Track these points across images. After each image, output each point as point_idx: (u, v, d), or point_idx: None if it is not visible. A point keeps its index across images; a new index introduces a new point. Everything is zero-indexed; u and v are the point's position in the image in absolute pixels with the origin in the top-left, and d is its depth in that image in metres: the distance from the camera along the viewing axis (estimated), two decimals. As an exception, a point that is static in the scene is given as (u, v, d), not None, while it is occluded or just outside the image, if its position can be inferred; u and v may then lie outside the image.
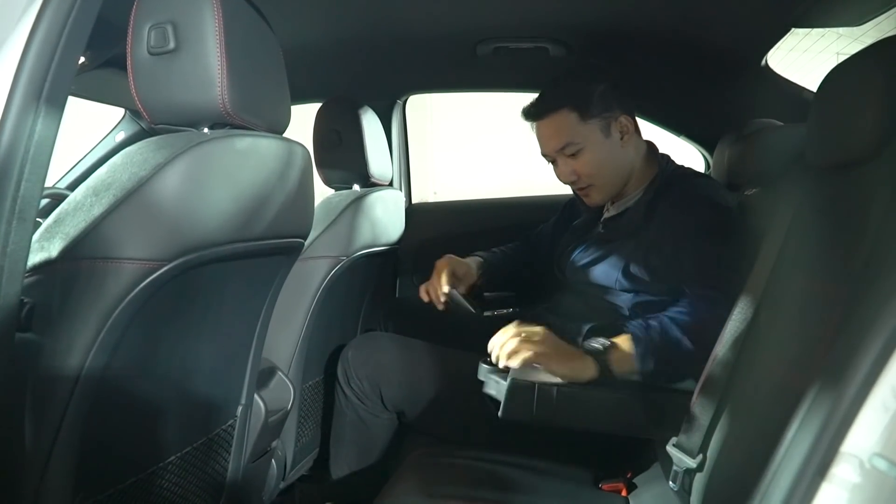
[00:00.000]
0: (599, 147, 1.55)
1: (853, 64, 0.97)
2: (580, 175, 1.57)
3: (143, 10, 0.99)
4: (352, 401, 1.66)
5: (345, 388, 1.67)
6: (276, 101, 1.18)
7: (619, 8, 1.66)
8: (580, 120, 1.53)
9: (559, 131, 1.55)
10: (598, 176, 1.57)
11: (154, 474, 1.09)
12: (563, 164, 1.58)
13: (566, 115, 1.54)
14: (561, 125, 1.55)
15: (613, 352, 1.27)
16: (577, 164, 1.56)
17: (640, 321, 1.31)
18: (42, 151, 0.80)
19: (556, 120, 1.55)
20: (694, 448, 1.09)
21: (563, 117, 1.54)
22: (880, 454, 0.52)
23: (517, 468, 1.40)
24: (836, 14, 1.58)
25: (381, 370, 1.63)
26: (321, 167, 2.00)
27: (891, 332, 0.57)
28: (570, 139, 1.54)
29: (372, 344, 1.72)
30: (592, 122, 1.54)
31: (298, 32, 1.77)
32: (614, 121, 1.56)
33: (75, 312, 0.87)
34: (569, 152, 1.55)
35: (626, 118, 1.57)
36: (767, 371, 1.01)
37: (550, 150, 1.59)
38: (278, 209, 1.13)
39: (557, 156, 1.59)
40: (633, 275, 1.48)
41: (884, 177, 0.85)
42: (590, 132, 1.54)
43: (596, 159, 1.56)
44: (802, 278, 1.03)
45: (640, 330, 1.28)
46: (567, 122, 1.54)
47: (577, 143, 1.54)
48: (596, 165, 1.56)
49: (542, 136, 1.60)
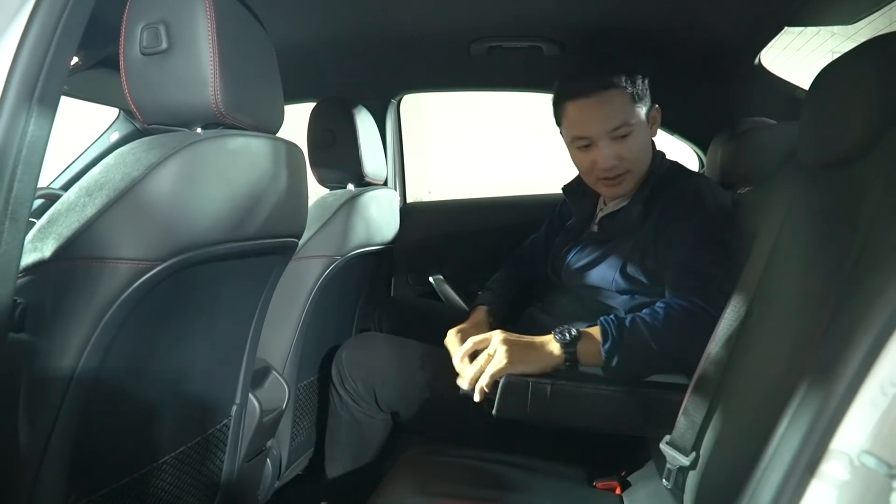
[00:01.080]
0: (644, 132, 1.53)
1: (845, 62, 0.97)
2: (623, 159, 1.51)
3: (135, 10, 0.99)
4: (346, 402, 1.65)
5: (339, 389, 1.66)
6: (269, 101, 1.18)
7: (613, 7, 1.66)
8: (632, 101, 1.50)
9: (616, 110, 1.49)
10: (637, 161, 1.53)
11: (148, 474, 1.09)
12: (608, 147, 1.50)
13: (622, 93, 1.49)
14: (618, 104, 1.49)
15: (581, 343, 1.30)
16: (623, 148, 1.50)
17: (614, 318, 1.32)
18: (35, 152, 0.79)
19: (613, 98, 1.48)
20: (687, 446, 1.10)
21: (620, 95, 1.49)
22: (869, 451, 0.53)
23: (511, 466, 1.40)
24: (829, 13, 1.59)
25: (375, 371, 1.62)
26: (315, 167, 2.01)
27: (880, 329, 0.58)
28: (625, 119, 1.48)
29: (366, 345, 1.71)
30: (639, 105, 1.51)
31: (292, 32, 1.77)
32: (651, 110, 1.55)
33: (69, 313, 0.87)
34: (621, 133, 1.49)
35: (656, 110, 1.57)
36: (760, 369, 1.01)
37: (601, 129, 1.50)
38: (272, 209, 1.13)
39: (604, 137, 1.50)
40: (630, 276, 1.47)
41: (874, 175, 0.85)
42: (639, 116, 1.51)
43: (640, 144, 1.52)
44: (794, 276, 1.04)
45: (612, 327, 1.30)
46: (623, 101, 1.49)
47: (630, 125, 1.49)
48: (640, 150, 1.52)
49: (593, 114, 1.50)
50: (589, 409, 1.28)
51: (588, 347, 1.30)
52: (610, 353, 1.28)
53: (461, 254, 2.46)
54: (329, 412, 1.72)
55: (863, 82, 0.91)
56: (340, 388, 1.66)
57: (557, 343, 1.31)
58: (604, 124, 1.49)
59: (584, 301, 1.60)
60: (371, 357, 1.65)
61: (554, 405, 1.27)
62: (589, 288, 1.58)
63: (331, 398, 1.70)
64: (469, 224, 2.50)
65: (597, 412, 1.28)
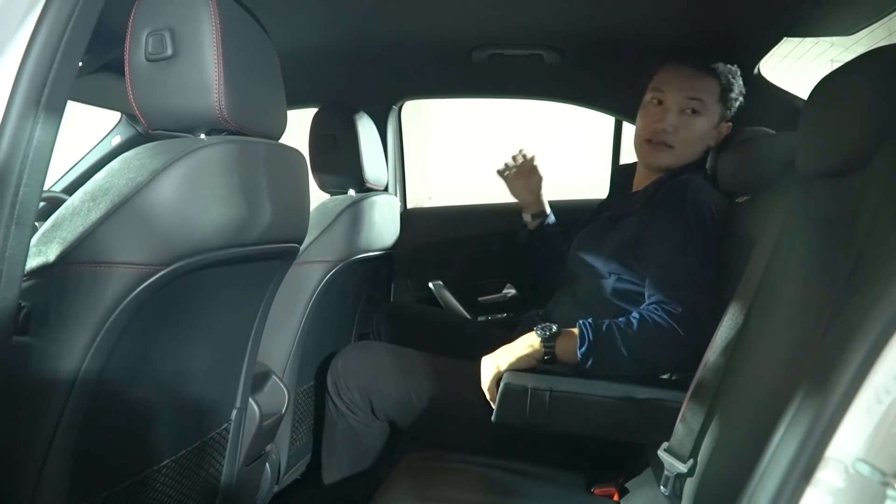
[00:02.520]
0: (708, 127, 1.61)
1: (843, 73, 0.98)
2: (677, 132, 1.59)
3: (141, 16, 1.00)
4: (342, 411, 1.65)
5: (335, 399, 1.66)
6: (272, 107, 1.18)
7: (613, 16, 1.67)
8: (718, 96, 1.59)
9: (701, 87, 1.59)
10: (685, 145, 1.60)
11: (149, 477, 1.09)
12: (674, 115, 1.59)
13: (715, 84, 1.59)
14: (705, 84, 1.59)
15: (560, 340, 1.37)
16: (684, 123, 1.59)
17: (593, 322, 1.36)
18: (41, 157, 0.80)
19: (704, 78, 1.60)
20: (685, 453, 1.10)
21: (711, 82, 1.59)
22: (863, 459, 0.53)
23: (510, 473, 1.40)
24: (828, 24, 1.60)
25: (371, 380, 1.63)
26: (317, 172, 2.01)
27: (875, 337, 0.58)
28: (704, 100, 1.58)
29: (361, 354, 1.71)
30: (720, 106, 1.60)
31: (295, 38, 1.78)
32: (725, 120, 1.63)
33: (72, 316, 0.88)
34: (690, 107, 1.58)
35: (727, 128, 1.64)
36: (757, 376, 1.02)
37: (678, 94, 1.60)
38: (274, 214, 1.14)
39: (675, 104, 1.59)
40: (619, 260, 1.51)
41: (872, 185, 0.86)
42: (714, 111, 1.60)
43: (698, 133, 1.60)
44: (792, 284, 1.05)
45: (588, 331, 1.34)
46: (710, 87, 1.59)
47: (703, 110, 1.58)
48: (695, 136, 1.60)
49: (680, 78, 1.61)
50: (587, 415, 1.29)
51: (566, 345, 1.36)
52: (585, 356, 1.33)
53: (461, 260, 2.46)
54: (325, 421, 1.72)
55: (860, 93, 0.92)
56: (336, 398, 1.66)
57: (538, 337, 1.37)
58: (685, 91, 1.59)
59: (577, 291, 1.63)
60: (366, 366, 1.65)
61: (553, 411, 1.28)
62: (583, 269, 1.61)
63: (327, 407, 1.70)
64: (469, 230, 2.50)
65: (595, 419, 1.29)
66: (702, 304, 1.32)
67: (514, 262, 2.43)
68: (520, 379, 1.31)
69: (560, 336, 1.36)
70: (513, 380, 1.31)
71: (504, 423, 1.31)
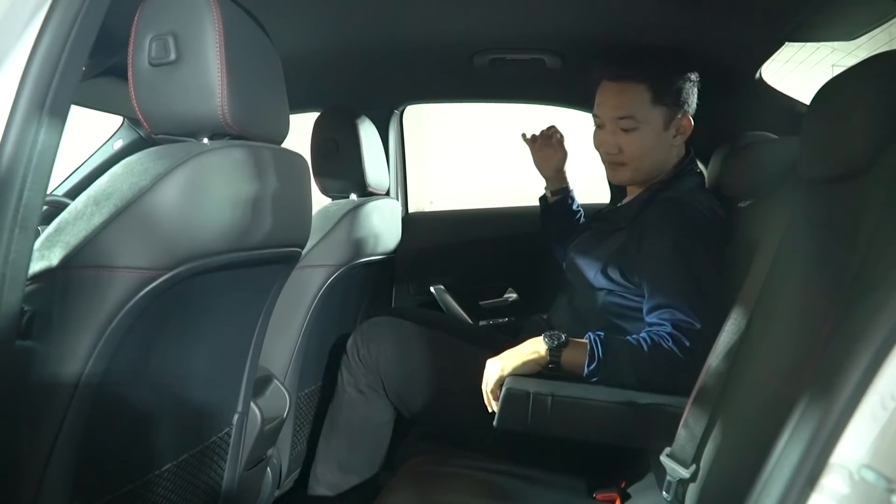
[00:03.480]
0: (654, 135, 1.55)
1: (845, 79, 0.98)
2: (623, 151, 1.56)
3: (144, 21, 1.00)
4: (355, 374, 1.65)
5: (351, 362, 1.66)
6: (274, 112, 1.19)
7: (615, 21, 1.67)
8: (651, 101, 1.53)
9: (627, 101, 1.54)
10: (637, 159, 1.57)
11: (150, 482, 1.09)
12: (611, 134, 1.57)
13: (641, 90, 1.53)
14: (631, 97, 1.54)
15: (568, 350, 1.36)
16: (624, 140, 1.55)
17: (604, 339, 1.35)
18: (44, 161, 0.80)
19: (629, 90, 1.54)
20: (687, 458, 1.10)
21: (637, 91, 1.53)
22: (868, 465, 0.53)
23: (512, 477, 1.40)
24: (829, 29, 1.60)
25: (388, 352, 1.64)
26: (319, 176, 2.01)
27: (880, 343, 0.58)
28: (632, 113, 1.53)
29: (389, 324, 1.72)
30: (660, 108, 1.54)
31: (297, 43, 1.78)
32: (677, 117, 1.57)
33: (75, 320, 0.88)
34: (624, 126, 1.54)
35: (688, 120, 1.59)
36: (760, 382, 1.02)
37: (608, 115, 1.57)
38: (276, 219, 1.14)
39: (609, 123, 1.57)
40: (608, 275, 1.50)
41: (875, 190, 0.86)
42: (653, 117, 1.54)
43: (645, 144, 1.55)
44: (795, 290, 1.04)
45: (600, 349, 1.34)
46: (638, 97, 1.53)
47: (637, 121, 1.53)
48: (642, 149, 1.56)
49: (607, 98, 1.58)
50: (589, 420, 1.29)
51: (572, 357, 1.35)
52: (592, 373, 1.33)
53: (462, 264, 2.46)
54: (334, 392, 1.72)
55: (863, 99, 0.92)
56: (354, 360, 1.66)
57: (545, 344, 1.36)
58: (612, 111, 1.56)
59: (574, 301, 1.63)
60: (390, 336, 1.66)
61: (555, 417, 1.28)
62: (577, 280, 1.61)
63: (339, 373, 1.70)
64: (470, 234, 2.51)
65: (597, 424, 1.29)
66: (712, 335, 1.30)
67: (515, 267, 2.44)
68: (522, 384, 1.31)
69: (567, 347, 1.36)
70: (515, 385, 1.31)
71: (506, 429, 1.31)
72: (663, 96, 1.54)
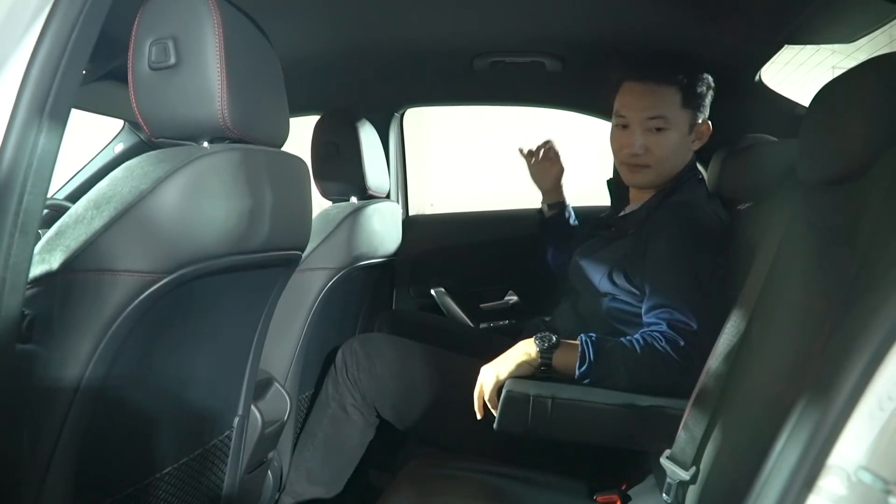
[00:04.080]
0: (680, 137, 1.57)
1: (843, 82, 0.99)
2: (650, 152, 1.56)
3: (144, 25, 1.00)
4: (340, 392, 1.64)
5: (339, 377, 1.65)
6: (274, 115, 1.19)
7: (614, 24, 1.68)
8: (681, 104, 1.55)
9: (659, 103, 1.55)
10: (662, 161, 1.57)
11: (151, 485, 1.09)
12: (640, 135, 1.56)
13: (673, 92, 1.55)
14: (663, 97, 1.55)
15: (559, 352, 1.36)
16: (653, 141, 1.56)
17: (595, 340, 1.36)
18: (44, 165, 0.81)
19: (662, 91, 1.56)
20: (687, 460, 1.10)
21: (670, 92, 1.55)
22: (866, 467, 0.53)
23: (512, 480, 1.40)
24: (828, 32, 1.61)
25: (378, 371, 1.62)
26: (319, 179, 2.02)
27: (878, 344, 0.59)
28: (664, 113, 1.54)
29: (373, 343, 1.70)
30: (687, 111, 1.56)
31: (297, 46, 1.79)
32: (699, 122, 1.59)
33: (75, 324, 0.88)
34: (655, 125, 1.55)
35: (707, 126, 1.61)
36: (759, 384, 1.02)
37: (638, 115, 1.57)
38: (276, 222, 1.14)
39: (638, 124, 1.57)
40: (614, 281, 1.51)
41: (873, 192, 0.86)
42: (681, 119, 1.56)
43: (671, 146, 1.56)
44: (794, 292, 1.05)
45: (591, 351, 1.34)
46: (670, 99, 1.55)
47: (667, 121, 1.55)
48: (668, 151, 1.57)
49: (637, 98, 1.58)
50: (589, 423, 1.29)
51: (564, 359, 1.36)
52: (583, 374, 1.33)
53: (463, 266, 2.47)
54: (314, 406, 1.71)
55: (861, 101, 0.93)
56: (341, 376, 1.65)
57: (536, 347, 1.37)
58: (643, 112, 1.56)
59: (578, 306, 1.63)
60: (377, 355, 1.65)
61: (555, 419, 1.28)
62: (582, 286, 1.61)
63: (324, 388, 1.69)
64: (471, 237, 2.51)
65: (597, 426, 1.29)
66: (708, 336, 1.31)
67: (516, 269, 2.44)
68: (522, 386, 1.31)
69: (559, 348, 1.36)
70: (515, 387, 1.31)
71: (506, 431, 1.31)
72: (691, 100, 1.56)
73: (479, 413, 1.39)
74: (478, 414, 1.39)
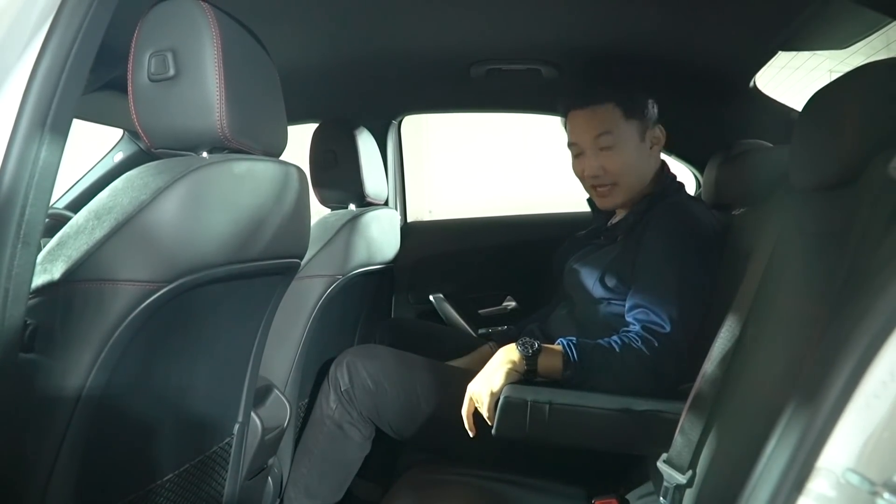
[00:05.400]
0: (633, 148, 1.59)
1: (835, 88, 1.00)
2: (607, 171, 1.59)
3: (143, 37, 1.01)
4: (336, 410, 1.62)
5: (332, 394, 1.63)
6: (273, 125, 1.20)
7: (610, 31, 1.69)
8: (623, 116, 1.57)
9: (602, 121, 1.58)
10: (623, 175, 1.59)
11: (152, 492, 1.10)
12: (593, 158, 1.59)
13: (611, 109, 1.58)
14: (604, 116, 1.58)
15: (543, 358, 1.36)
16: (607, 160, 1.58)
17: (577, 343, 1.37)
18: (46, 177, 0.82)
19: (601, 110, 1.58)
20: (684, 464, 1.11)
21: (608, 109, 1.58)
22: (853, 469, 0.54)
23: (510, 485, 1.41)
24: (821, 38, 1.62)
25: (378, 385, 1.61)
26: (317, 187, 2.03)
27: (865, 348, 0.59)
28: (608, 129, 1.57)
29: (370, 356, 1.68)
30: (633, 121, 1.58)
31: (295, 56, 1.80)
32: (650, 128, 1.61)
33: (77, 333, 0.89)
34: (603, 143, 1.57)
35: (660, 129, 1.63)
36: (754, 388, 1.03)
37: (586, 138, 1.59)
38: (275, 230, 1.15)
39: (589, 147, 1.60)
40: (607, 285, 1.52)
41: (864, 198, 0.87)
42: (628, 131, 1.58)
43: (626, 158, 1.58)
44: (787, 297, 1.06)
45: (574, 353, 1.35)
46: (610, 115, 1.58)
47: (613, 137, 1.57)
48: (625, 164, 1.59)
49: (580, 123, 1.61)
50: (587, 427, 1.29)
51: (548, 363, 1.36)
52: (568, 378, 1.35)
53: (461, 273, 2.47)
54: (308, 422, 1.70)
55: (853, 107, 0.94)
56: (334, 394, 1.63)
57: (519, 353, 1.36)
58: (590, 132, 1.59)
59: (574, 311, 1.64)
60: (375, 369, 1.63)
61: (552, 424, 1.29)
62: (577, 293, 1.63)
63: (317, 405, 1.67)
64: (469, 243, 2.52)
65: (595, 431, 1.30)
66: (682, 338, 1.35)
67: (514, 275, 2.45)
68: (519, 392, 1.32)
69: (542, 353, 1.37)
70: (512, 393, 1.31)
71: (504, 437, 1.32)
72: (632, 110, 1.58)
73: (470, 430, 1.39)
74: (469, 431, 1.39)
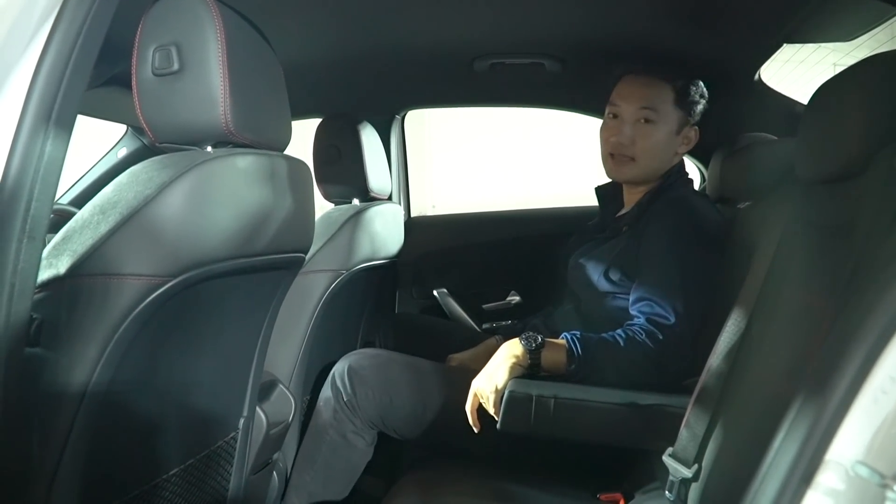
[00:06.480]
0: (667, 134, 1.59)
1: (841, 80, 0.99)
2: (635, 144, 1.58)
3: (147, 32, 1.01)
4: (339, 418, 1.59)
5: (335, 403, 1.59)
6: (277, 119, 1.20)
7: (613, 25, 1.68)
8: (674, 101, 1.58)
9: (653, 95, 1.58)
10: (646, 155, 1.59)
11: (157, 486, 1.10)
12: (630, 126, 1.59)
13: (667, 89, 1.58)
14: (659, 92, 1.58)
15: (547, 352, 1.36)
16: (640, 133, 1.58)
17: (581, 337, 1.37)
18: (51, 172, 0.82)
19: (656, 85, 1.59)
20: (689, 458, 1.11)
21: (663, 88, 1.59)
22: (863, 462, 0.54)
23: (515, 481, 1.41)
24: (827, 30, 1.61)
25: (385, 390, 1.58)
26: (321, 182, 2.03)
27: (874, 341, 0.59)
28: (656, 106, 1.57)
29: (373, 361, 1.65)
30: (679, 111, 1.59)
31: (298, 51, 1.80)
32: (689, 125, 1.61)
33: (83, 328, 0.89)
34: (644, 116, 1.57)
35: (695, 132, 1.63)
36: (760, 381, 1.02)
37: (630, 105, 1.59)
38: (279, 225, 1.15)
39: (630, 114, 1.59)
40: (611, 278, 1.52)
41: (870, 191, 0.87)
42: (671, 117, 1.59)
43: (657, 141, 1.58)
44: (793, 290, 1.05)
45: (579, 347, 1.35)
46: (663, 94, 1.58)
47: (657, 114, 1.57)
48: (653, 145, 1.58)
49: (632, 89, 1.61)
50: (592, 422, 1.29)
51: (552, 358, 1.36)
52: (573, 372, 1.35)
53: (465, 267, 2.47)
54: (309, 430, 1.65)
55: (859, 100, 0.93)
56: (336, 403, 1.59)
57: (523, 347, 1.36)
58: (637, 101, 1.59)
59: (580, 305, 1.64)
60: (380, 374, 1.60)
61: (557, 419, 1.28)
62: (581, 287, 1.63)
63: (317, 412, 1.63)
64: (473, 238, 2.51)
65: (600, 425, 1.29)
66: (687, 331, 1.35)
67: (518, 270, 2.45)
68: (524, 386, 1.31)
69: (545, 348, 1.36)
70: (517, 387, 1.31)
71: (509, 432, 1.32)
72: (683, 102, 1.59)
73: (475, 426, 1.38)
74: (474, 427, 1.38)
